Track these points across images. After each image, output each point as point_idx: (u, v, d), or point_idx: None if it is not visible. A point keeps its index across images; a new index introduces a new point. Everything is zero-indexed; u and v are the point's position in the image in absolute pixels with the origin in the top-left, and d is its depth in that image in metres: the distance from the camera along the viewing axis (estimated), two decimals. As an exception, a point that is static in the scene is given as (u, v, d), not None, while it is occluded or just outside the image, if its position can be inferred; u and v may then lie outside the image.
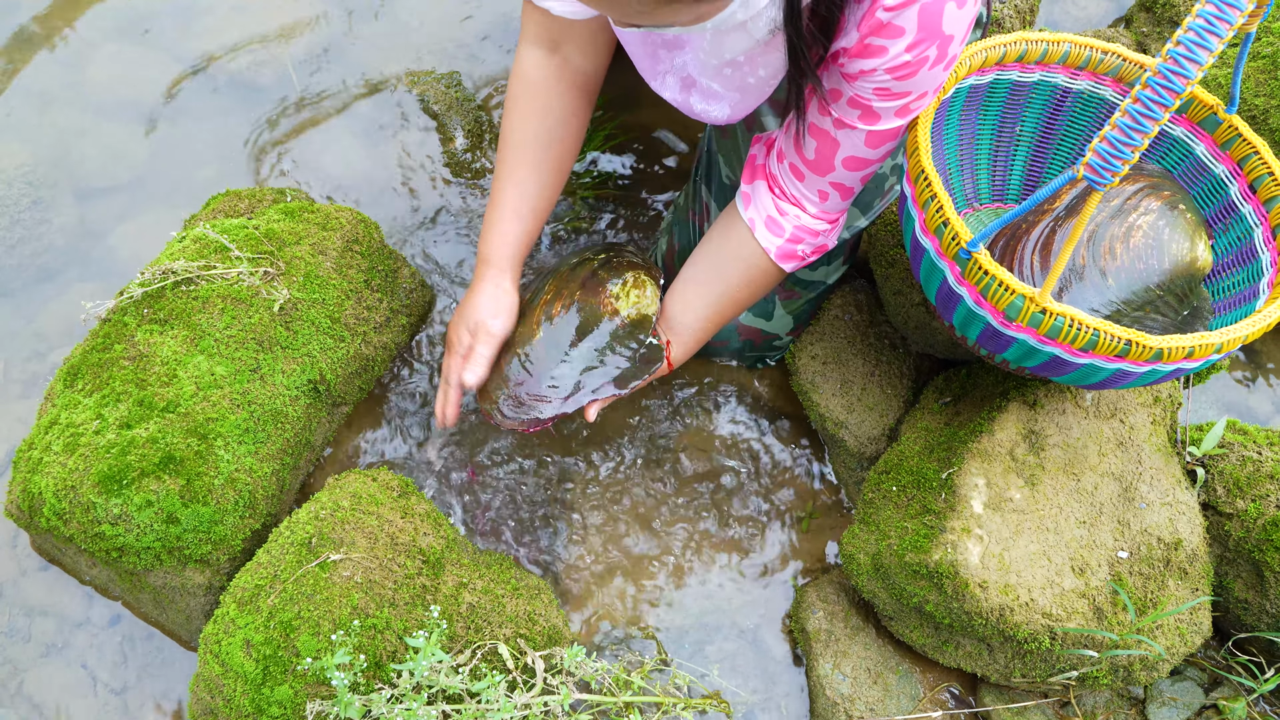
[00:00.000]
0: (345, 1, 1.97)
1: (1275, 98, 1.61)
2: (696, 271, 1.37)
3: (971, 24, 1.09)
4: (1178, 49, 0.94)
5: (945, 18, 1.02)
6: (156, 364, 1.31)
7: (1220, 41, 0.93)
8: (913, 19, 1.02)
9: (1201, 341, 1.11)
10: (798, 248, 1.31)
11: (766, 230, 1.30)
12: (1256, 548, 1.36)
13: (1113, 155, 0.98)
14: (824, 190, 1.27)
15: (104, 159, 1.82)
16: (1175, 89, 0.94)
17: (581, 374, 1.32)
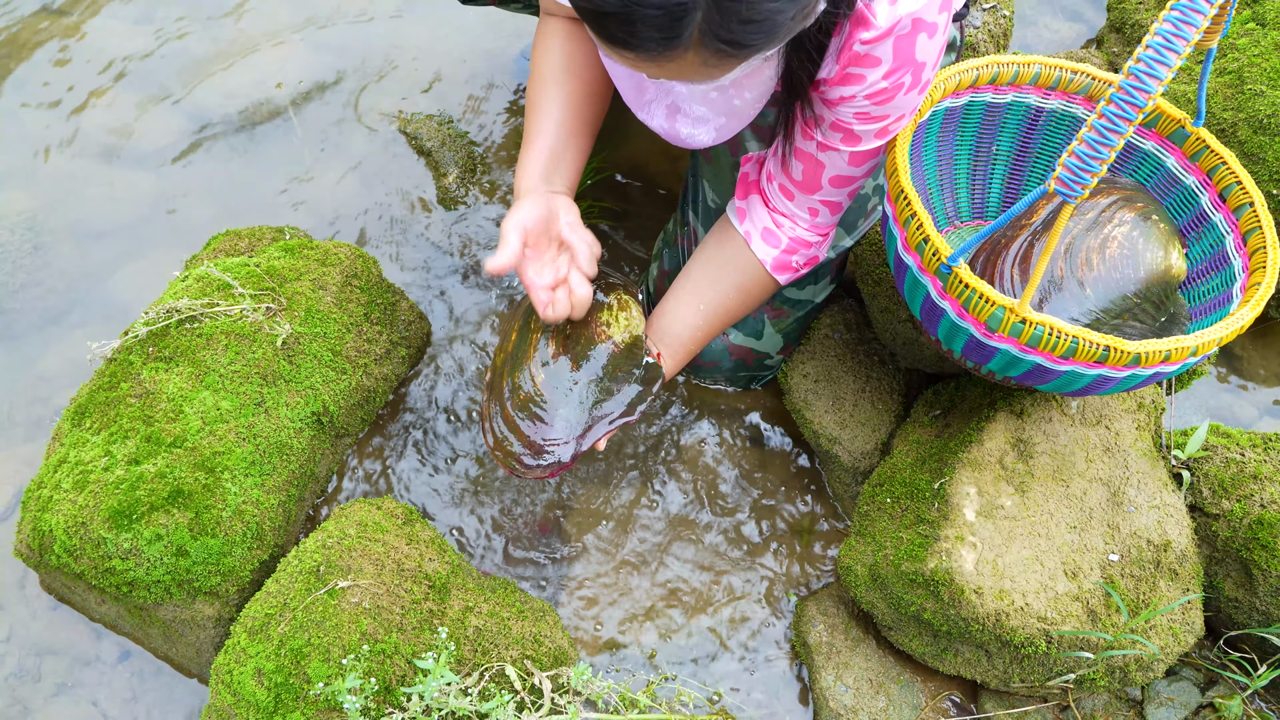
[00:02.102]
0: (339, 47, 2.02)
1: (1243, 111, 1.66)
2: (689, 283, 1.40)
3: (943, 50, 1.14)
4: (1138, 65, 0.98)
5: (918, 47, 1.08)
6: (163, 400, 1.34)
7: (1178, 58, 0.97)
8: (888, 49, 1.07)
9: (1177, 345, 1.15)
10: (792, 259, 1.36)
11: (763, 241, 1.35)
12: (1244, 547, 1.39)
13: (1081, 169, 1.02)
14: (814, 208, 1.32)
15: (103, 204, 1.86)
16: (1138, 103, 0.98)
17: (592, 409, 1.33)
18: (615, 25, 0.91)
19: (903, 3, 1.05)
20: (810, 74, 1.16)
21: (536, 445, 1.31)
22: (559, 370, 1.32)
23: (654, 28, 0.89)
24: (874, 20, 1.06)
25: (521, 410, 1.31)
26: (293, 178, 1.87)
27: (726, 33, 0.92)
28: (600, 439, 1.33)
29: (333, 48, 2.02)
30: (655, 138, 1.92)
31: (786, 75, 1.18)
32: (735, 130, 1.30)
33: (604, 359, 1.33)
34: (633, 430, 1.65)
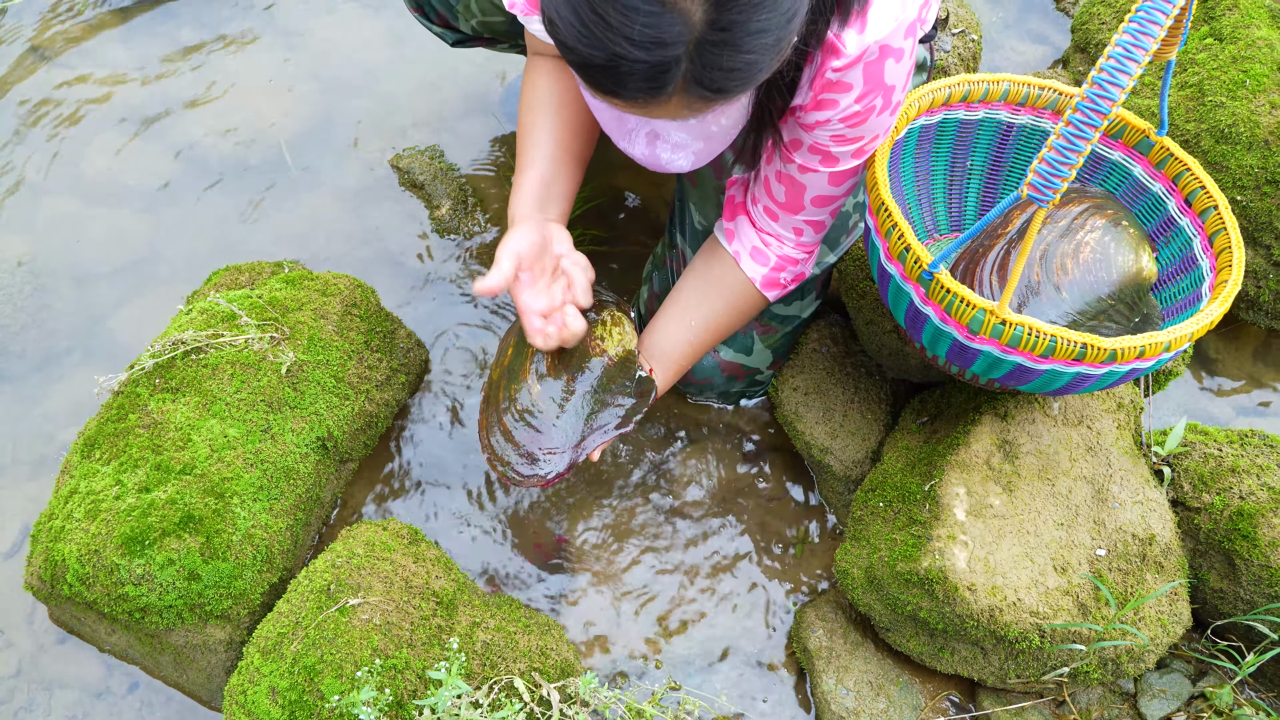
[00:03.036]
0: (332, 87, 2.07)
1: (1205, 122, 1.73)
2: (680, 301, 1.45)
3: (911, 73, 1.20)
4: (1101, 75, 1.04)
5: (886, 71, 1.14)
6: (171, 430, 1.37)
7: (1138, 66, 1.03)
8: (859, 75, 1.13)
9: (1151, 340, 1.20)
10: (780, 275, 1.41)
11: (752, 260, 1.40)
12: (1226, 538, 1.44)
13: (1052, 174, 1.07)
14: (799, 227, 1.37)
15: (102, 245, 1.89)
16: (1102, 110, 1.04)
17: (587, 420, 1.38)
18: (602, 76, 0.95)
19: (870, 31, 1.11)
20: (780, 106, 1.22)
21: (532, 454, 1.35)
22: (554, 383, 1.37)
23: (640, 79, 0.94)
24: (844, 49, 1.12)
25: (519, 420, 1.35)
26: (289, 214, 1.91)
27: (709, 81, 0.97)
28: (595, 449, 1.37)
29: (326, 87, 2.07)
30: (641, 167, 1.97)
31: (756, 108, 1.24)
32: (714, 154, 1.35)
33: (598, 372, 1.37)
34: (632, 448, 1.68)
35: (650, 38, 0.90)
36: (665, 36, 0.90)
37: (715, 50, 0.92)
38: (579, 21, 0.91)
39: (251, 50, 2.13)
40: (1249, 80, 1.72)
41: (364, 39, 2.14)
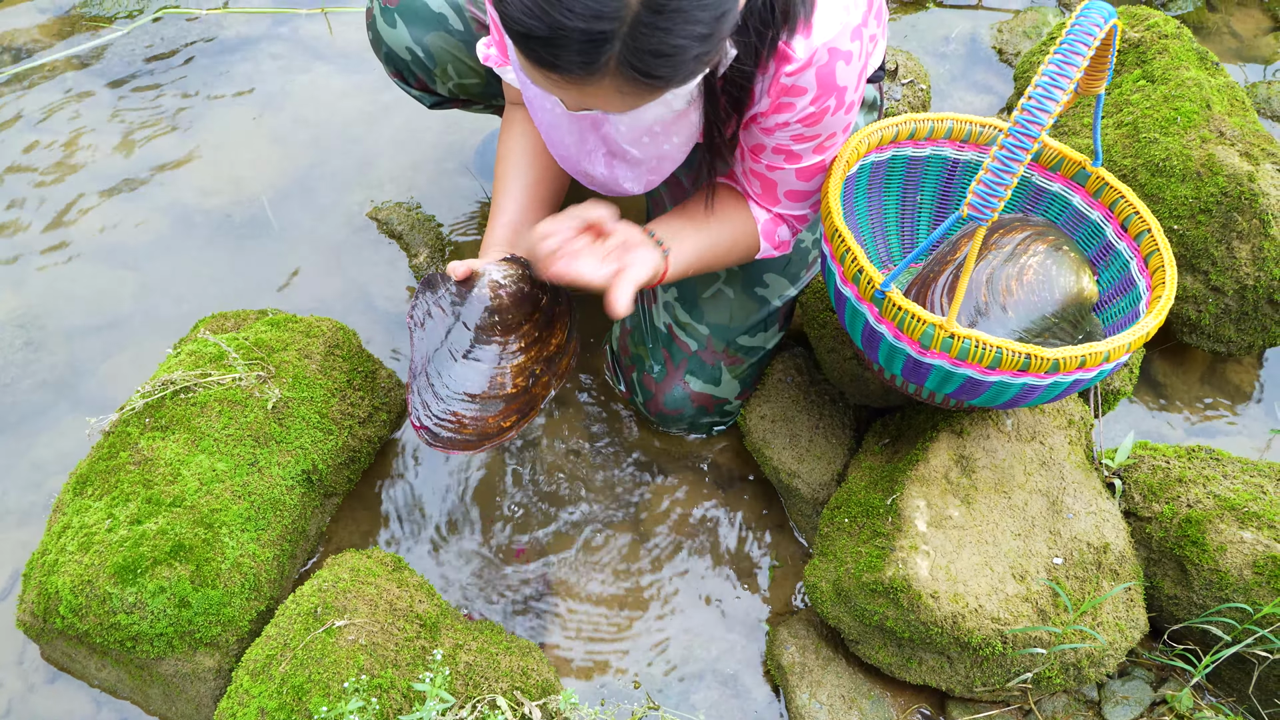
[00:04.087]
0: (311, 144, 2.16)
1: (1140, 157, 1.83)
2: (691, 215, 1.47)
3: (862, 74, 1.29)
4: (1029, 102, 1.14)
5: (837, 73, 1.24)
6: (161, 465, 1.42)
7: (1062, 94, 1.12)
8: (811, 78, 1.23)
9: (1091, 351, 1.28)
10: (777, 231, 1.51)
11: (758, 205, 1.49)
12: (1176, 544, 1.51)
13: (989, 194, 1.16)
14: (781, 214, 1.49)
15: (89, 301, 1.95)
16: (1032, 134, 1.13)
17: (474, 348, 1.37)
18: (542, 47, 1.02)
19: (816, 35, 1.21)
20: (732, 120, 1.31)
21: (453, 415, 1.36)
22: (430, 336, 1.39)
23: (576, 52, 1.01)
24: (794, 55, 1.21)
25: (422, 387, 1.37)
26: (271, 266, 1.98)
27: (640, 62, 1.04)
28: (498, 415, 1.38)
29: (305, 146, 2.15)
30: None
31: (705, 124, 1.33)
32: (666, 173, 1.44)
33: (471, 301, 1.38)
34: (607, 477, 1.74)
35: (589, 10, 0.97)
36: (603, 9, 0.98)
37: (647, 32, 1.00)
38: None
39: (233, 112, 2.21)
40: (1180, 117, 1.83)
41: (341, 99, 2.24)
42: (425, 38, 1.64)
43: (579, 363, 1.86)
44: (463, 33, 1.64)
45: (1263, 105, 2.33)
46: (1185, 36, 1.97)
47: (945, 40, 2.40)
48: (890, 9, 2.44)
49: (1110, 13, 1.17)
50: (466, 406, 1.35)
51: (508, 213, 1.51)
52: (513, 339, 1.37)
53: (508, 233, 1.50)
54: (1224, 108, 1.85)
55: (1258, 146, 1.81)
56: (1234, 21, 2.53)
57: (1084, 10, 1.16)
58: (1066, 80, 1.14)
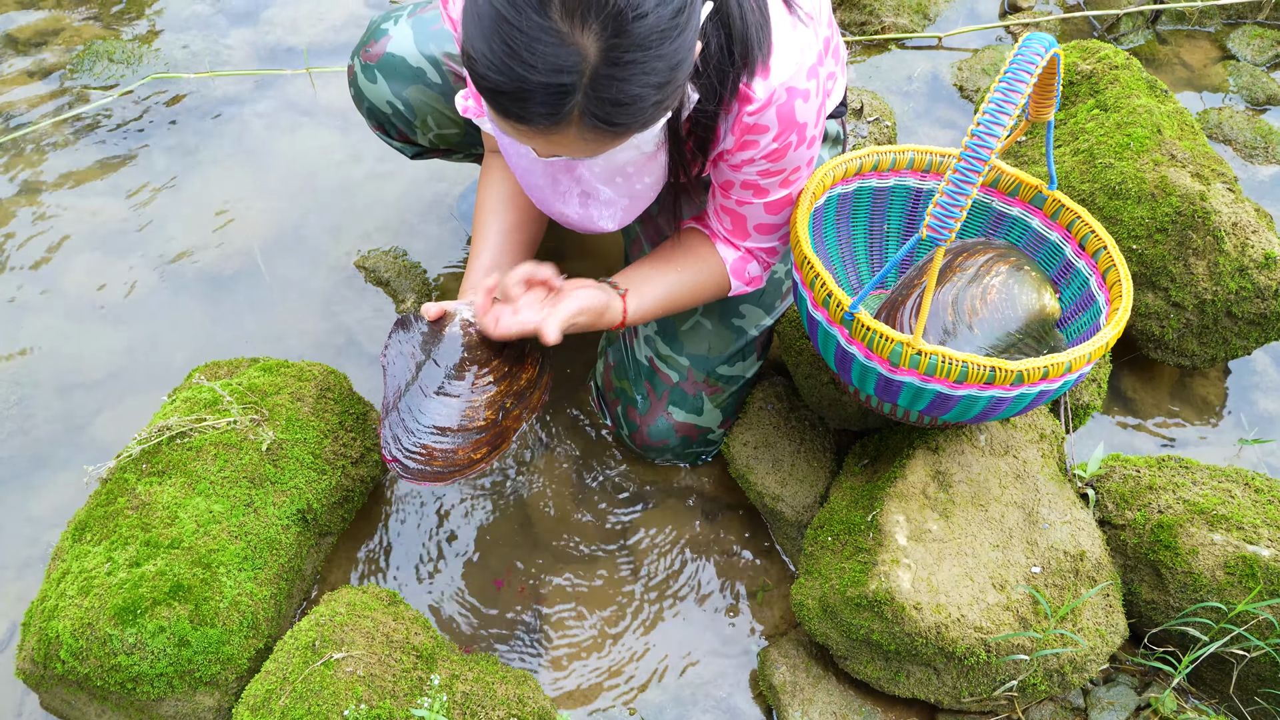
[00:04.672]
0: (298, 198, 2.21)
1: (1097, 182, 1.91)
2: (662, 264, 1.55)
3: (822, 110, 1.36)
4: (978, 128, 1.20)
5: (797, 110, 1.31)
6: (159, 509, 1.45)
7: (1008, 119, 1.19)
8: (772, 116, 1.29)
9: (1053, 362, 1.34)
10: (748, 268, 1.57)
11: (725, 245, 1.55)
12: (1150, 550, 1.55)
13: (945, 215, 1.22)
14: (751, 248, 1.55)
15: (83, 356, 1.99)
16: (981, 157, 1.20)
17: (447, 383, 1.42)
18: (509, 101, 1.09)
19: (775, 76, 1.27)
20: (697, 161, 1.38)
21: (428, 448, 1.41)
22: (398, 373, 1.45)
23: (540, 104, 1.08)
24: (755, 95, 1.28)
25: (392, 420, 1.42)
26: (261, 316, 2.03)
27: (601, 112, 1.11)
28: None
29: (292, 200, 2.21)
30: (593, 257, 2.13)
31: (671, 165, 1.40)
32: (638, 211, 1.50)
33: (445, 339, 1.44)
34: (596, 510, 1.78)
35: (551, 65, 1.04)
36: (564, 64, 1.05)
37: (606, 83, 1.07)
38: (491, 52, 1.06)
39: (221, 170, 2.27)
40: (1133, 143, 1.91)
41: (326, 155, 2.30)
42: (405, 92, 1.71)
43: (566, 398, 1.91)
44: (441, 86, 1.71)
45: (1214, 130, 2.42)
46: (1135, 67, 2.06)
47: (908, 79, 2.49)
48: (854, 51, 2.53)
49: (1050, 43, 1.24)
50: (437, 440, 1.40)
51: (485, 256, 1.58)
52: (483, 374, 1.42)
53: (485, 275, 1.56)
54: (1174, 132, 1.93)
55: (1208, 167, 1.88)
56: (1183, 53, 2.63)
57: (1025, 41, 1.24)
58: (1012, 106, 1.21)
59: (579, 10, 1.03)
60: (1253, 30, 2.64)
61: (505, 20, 1.04)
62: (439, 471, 1.39)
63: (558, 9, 1.03)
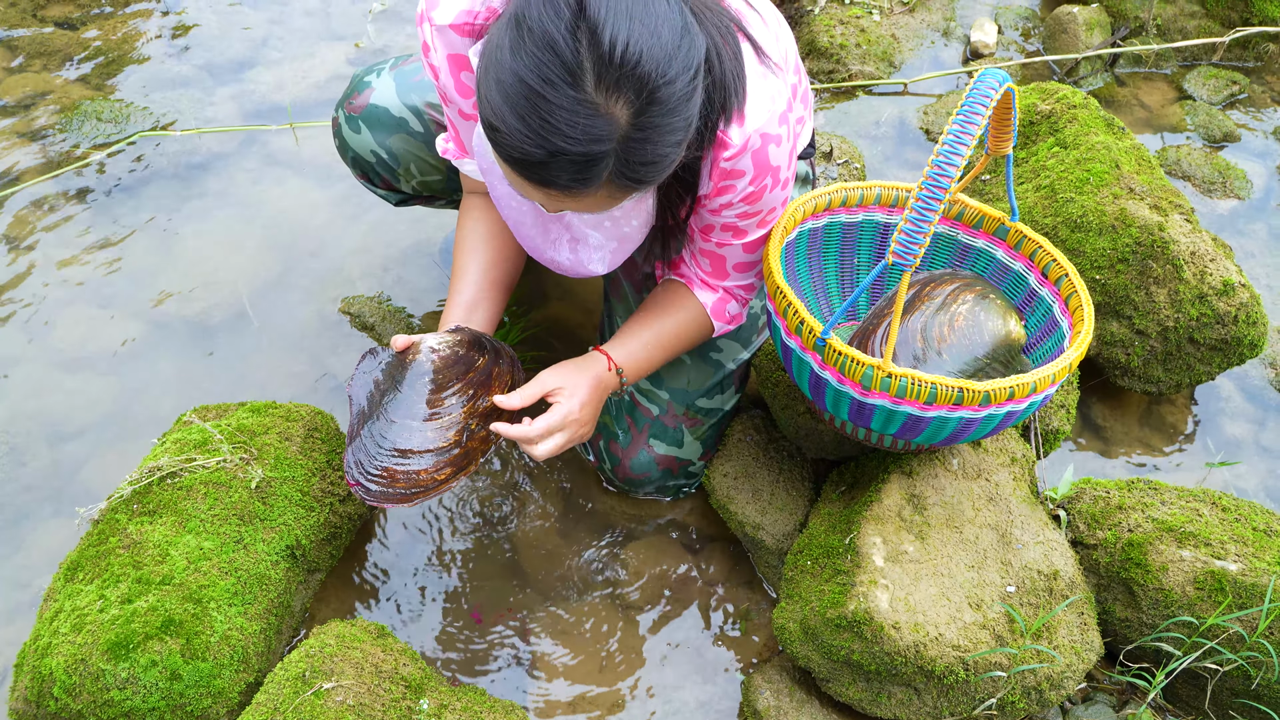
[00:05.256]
0: (284, 247, 2.26)
1: (1060, 215, 1.98)
2: (641, 317, 1.62)
3: (793, 154, 1.43)
4: (938, 159, 1.27)
5: (770, 155, 1.36)
6: (150, 547, 1.48)
7: (966, 150, 1.25)
8: (748, 161, 1.35)
9: (1018, 382, 1.39)
10: (727, 307, 1.62)
11: (703, 288, 1.61)
12: (1122, 567, 1.59)
13: (909, 242, 1.28)
14: (729, 289, 1.61)
15: (73, 406, 2.02)
16: (942, 185, 1.26)
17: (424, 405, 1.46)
18: (539, 169, 1.14)
19: (749, 123, 1.33)
20: (684, 204, 1.43)
21: (391, 470, 1.44)
22: (375, 396, 1.50)
23: (576, 170, 1.13)
24: (730, 142, 1.33)
25: (365, 437, 1.46)
26: (248, 363, 2.07)
27: (631, 172, 1.17)
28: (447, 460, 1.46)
29: (279, 250, 2.26)
30: (573, 298, 2.18)
31: (660, 211, 1.46)
32: (627, 253, 1.55)
33: (415, 366, 1.49)
34: (580, 545, 1.81)
35: (588, 135, 1.10)
36: (600, 134, 1.10)
37: (638, 147, 1.13)
38: (526, 126, 1.10)
39: (208, 223, 2.32)
40: (1092, 177, 1.98)
41: (312, 206, 2.36)
42: (388, 141, 1.77)
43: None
44: (423, 134, 1.76)
45: (1173, 167, 2.50)
46: (1093, 106, 2.14)
47: (876, 124, 2.57)
48: (823, 98, 2.61)
49: (1004, 78, 1.31)
50: (398, 461, 1.44)
51: (463, 293, 1.63)
52: (447, 397, 1.46)
53: (462, 311, 1.62)
54: (1132, 167, 2.01)
55: (1165, 200, 1.96)
56: (1142, 94, 2.72)
57: (980, 77, 1.30)
58: (968, 137, 1.27)
59: (613, 83, 1.09)
60: (1208, 71, 2.74)
61: (537, 94, 1.09)
62: (402, 493, 1.42)
63: (591, 82, 1.08)
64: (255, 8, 2.83)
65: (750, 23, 1.37)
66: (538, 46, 1.08)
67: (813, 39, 2.65)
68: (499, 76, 1.12)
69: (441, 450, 1.44)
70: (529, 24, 1.09)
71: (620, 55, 1.08)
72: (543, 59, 1.08)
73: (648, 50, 1.09)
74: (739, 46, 1.32)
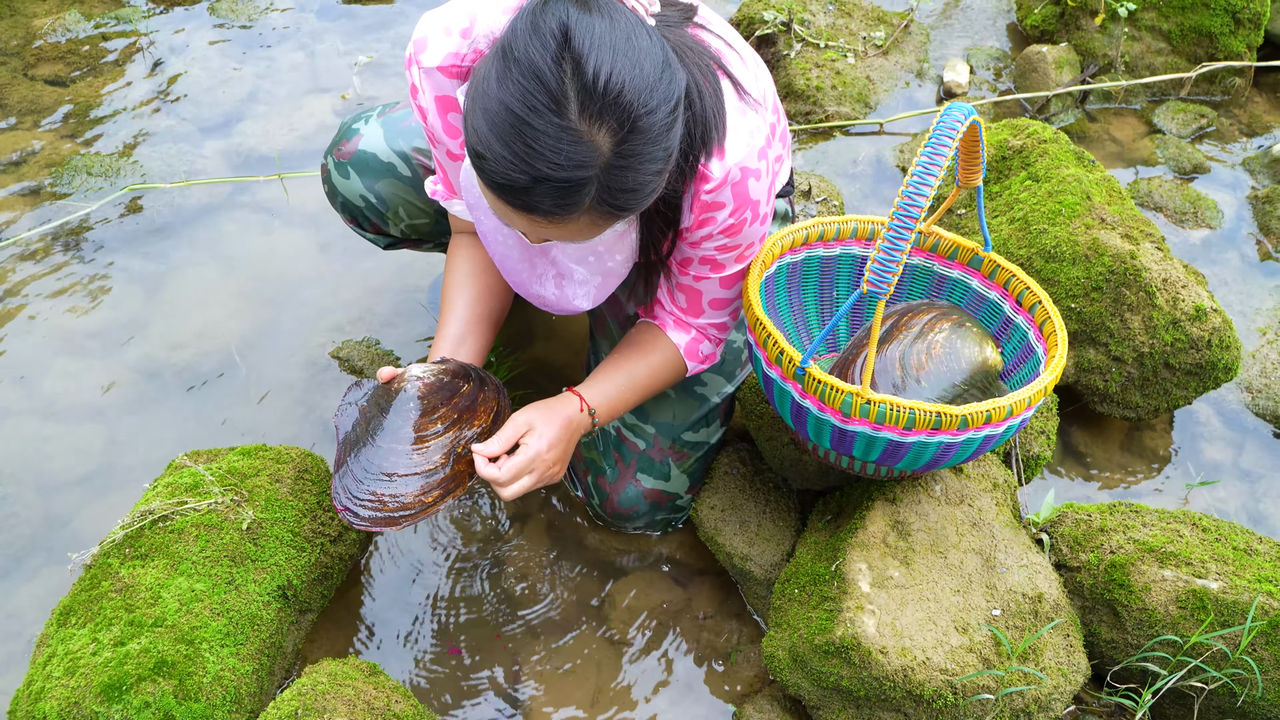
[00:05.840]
0: (275, 296, 2.29)
1: (1034, 247, 2.02)
2: (617, 356, 1.64)
3: (772, 189, 1.46)
4: (907, 189, 1.30)
5: (750, 188, 1.40)
6: (142, 590, 1.49)
7: (935, 181, 1.29)
8: (728, 194, 1.39)
9: (995, 406, 1.42)
10: (700, 347, 1.65)
11: (676, 328, 1.63)
12: (1105, 589, 1.61)
13: (882, 270, 1.31)
14: (703, 327, 1.64)
15: (63, 456, 2.03)
16: (912, 215, 1.29)
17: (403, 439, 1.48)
18: (523, 195, 1.17)
19: (729, 157, 1.37)
20: (667, 238, 1.47)
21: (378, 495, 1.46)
22: (357, 429, 1.53)
23: (560, 196, 1.17)
24: (711, 175, 1.37)
25: (349, 470, 1.48)
26: (238, 409, 2.08)
27: (612, 199, 1.20)
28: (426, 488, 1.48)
29: (268, 299, 2.29)
30: (560, 338, 2.21)
31: (643, 245, 1.49)
32: (611, 288, 1.58)
33: (401, 398, 1.51)
34: (569, 580, 1.82)
35: (571, 162, 1.13)
36: (582, 160, 1.14)
37: (619, 174, 1.17)
38: (511, 152, 1.14)
39: (198, 273, 2.35)
40: (1064, 209, 2.03)
41: (301, 254, 2.39)
42: (377, 185, 1.81)
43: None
44: (411, 178, 1.80)
45: (1145, 199, 2.56)
46: (1063, 140, 2.20)
47: (853, 163, 2.62)
48: (801, 139, 2.67)
49: (969, 111, 1.35)
50: (385, 485, 1.45)
51: (450, 327, 1.66)
52: (433, 421, 1.48)
53: (450, 345, 1.65)
54: (1103, 198, 2.06)
55: (1136, 229, 2.00)
56: (1112, 129, 2.79)
57: (946, 110, 1.35)
58: (937, 168, 1.31)
59: (596, 112, 1.13)
60: (1176, 105, 2.81)
61: (523, 121, 1.13)
62: (390, 516, 1.44)
63: (575, 110, 1.12)
64: (242, 62, 2.89)
65: (730, 62, 1.42)
66: (524, 76, 1.12)
67: (790, 82, 2.72)
68: (485, 105, 1.16)
69: (428, 473, 1.46)
70: (515, 55, 1.14)
71: (603, 85, 1.12)
72: (528, 87, 1.12)
73: (629, 81, 1.13)
74: (719, 84, 1.36)
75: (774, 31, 2.79)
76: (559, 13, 1.13)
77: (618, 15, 1.16)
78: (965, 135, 1.52)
